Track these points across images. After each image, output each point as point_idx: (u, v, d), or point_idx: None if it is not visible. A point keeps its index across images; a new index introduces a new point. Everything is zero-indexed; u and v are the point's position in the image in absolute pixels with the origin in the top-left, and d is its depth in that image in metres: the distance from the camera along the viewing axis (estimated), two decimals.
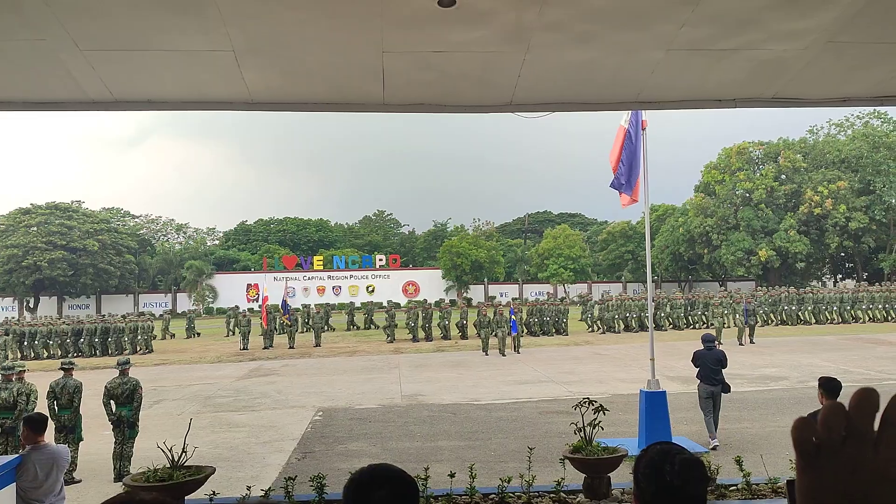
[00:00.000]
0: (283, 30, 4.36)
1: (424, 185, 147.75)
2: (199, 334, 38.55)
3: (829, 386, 6.08)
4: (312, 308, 37.06)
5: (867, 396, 0.59)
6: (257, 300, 51.01)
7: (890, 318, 35.73)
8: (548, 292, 57.22)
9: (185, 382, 20.09)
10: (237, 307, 41.59)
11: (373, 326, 39.56)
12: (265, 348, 29.67)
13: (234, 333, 37.71)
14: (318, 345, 30.28)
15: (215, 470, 5.42)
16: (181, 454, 5.24)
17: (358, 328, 39.69)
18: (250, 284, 64.03)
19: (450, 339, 31.09)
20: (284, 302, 33.96)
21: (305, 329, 35.71)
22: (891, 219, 54.86)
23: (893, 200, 54.23)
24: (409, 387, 17.73)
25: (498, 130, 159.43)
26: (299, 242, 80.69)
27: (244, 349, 29.48)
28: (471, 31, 4.48)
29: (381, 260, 67.82)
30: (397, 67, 4.95)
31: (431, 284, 65.11)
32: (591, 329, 34.05)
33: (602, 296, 37.43)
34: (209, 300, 63.61)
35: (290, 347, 29.59)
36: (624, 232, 66.96)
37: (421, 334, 31.34)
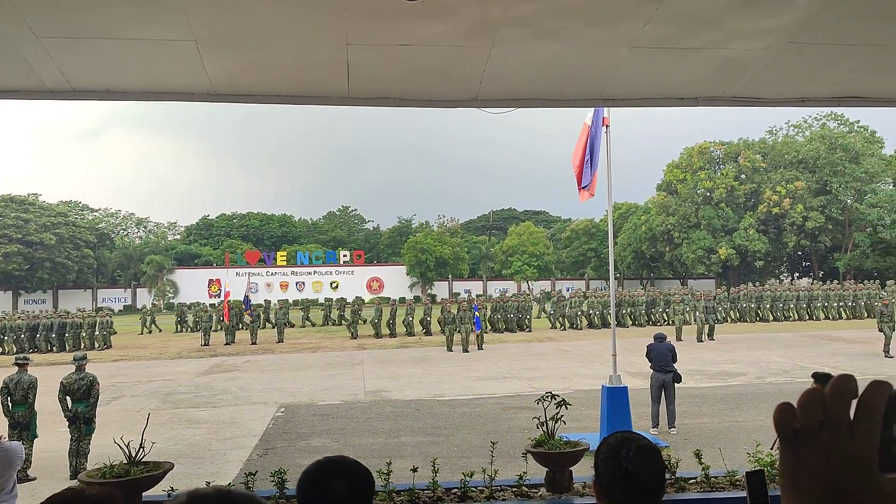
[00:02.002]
0: (245, 20, 4.29)
1: (389, 180, 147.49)
2: (160, 330, 37.89)
3: (825, 380, 6.40)
4: (275, 304, 36.72)
5: (844, 383, 0.60)
6: (219, 296, 50.39)
7: (844, 315, 36.64)
8: (503, 291, 57.49)
9: (144, 378, 19.77)
10: (185, 305, 41.12)
11: (331, 323, 39.21)
12: (227, 344, 29.34)
13: (184, 330, 37.25)
14: (280, 341, 30.03)
15: (174, 466, 5.33)
16: (138, 450, 5.15)
17: (313, 324, 39.18)
18: (212, 280, 63.23)
19: (414, 335, 31.07)
20: (247, 298, 33.65)
21: (270, 325, 35.41)
22: (846, 218, 56.26)
23: (849, 200, 55.61)
24: (372, 383, 17.68)
25: (463, 127, 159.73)
26: (262, 237, 79.92)
27: (205, 345, 29.13)
28: (436, 25, 4.47)
29: (345, 256, 67.49)
30: (362, 60, 4.91)
31: (396, 281, 65.02)
32: (554, 326, 34.31)
33: (560, 293, 37.75)
34: (170, 295, 62.66)
35: (253, 343, 29.30)
36: (587, 229, 67.59)
37: (385, 331, 31.26)
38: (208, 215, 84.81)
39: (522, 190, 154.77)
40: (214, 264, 68.45)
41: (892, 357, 20.31)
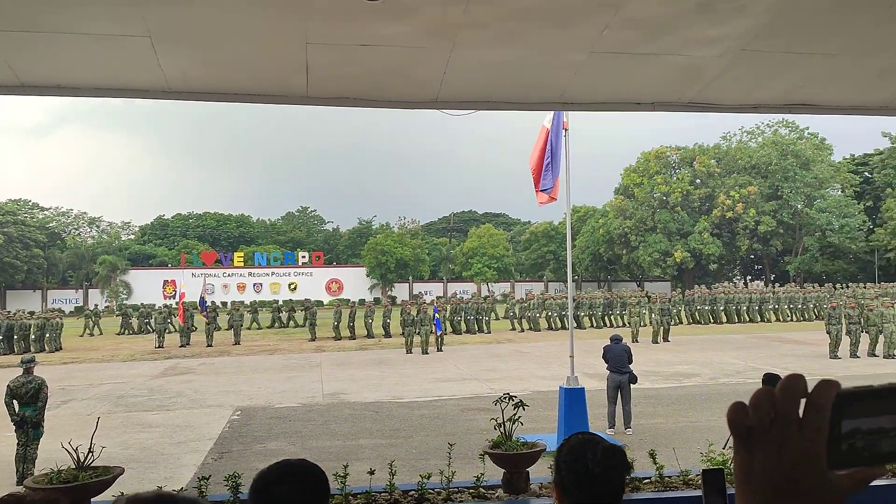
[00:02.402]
0: (202, 16, 4.22)
1: (350, 181, 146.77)
2: (100, 332, 36.75)
3: (775, 382, 6.59)
4: (231, 305, 36.24)
5: (794, 382, 0.62)
6: (174, 297, 49.54)
7: (794, 317, 37.57)
8: (463, 292, 57.67)
9: (95, 381, 19.32)
10: (129, 306, 40.33)
11: (277, 324, 38.58)
12: (182, 346, 28.86)
13: (129, 333, 36.46)
14: (237, 343, 29.64)
15: (124, 470, 5.21)
16: (87, 454, 5.02)
17: (259, 326, 38.56)
18: (167, 281, 62.14)
19: (373, 337, 30.94)
20: (202, 299, 33.13)
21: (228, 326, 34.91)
22: (797, 223, 57.71)
23: (799, 205, 57.05)
24: (330, 385, 17.55)
25: (424, 128, 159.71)
26: (219, 238, 78.84)
27: (159, 347, 28.60)
28: (396, 26, 4.45)
29: (304, 257, 66.97)
30: (321, 60, 4.87)
31: (356, 282, 64.73)
32: (513, 327, 34.49)
33: (523, 295, 38.01)
34: (123, 296, 61.37)
35: (208, 345, 28.85)
36: (546, 232, 68.16)
37: (344, 332, 31.07)
38: (163, 215, 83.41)
39: (483, 192, 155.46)
40: (169, 265, 67.32)
41: (839, 358, 20.88)
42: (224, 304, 40.21)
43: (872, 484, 0.62)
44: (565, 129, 10.92)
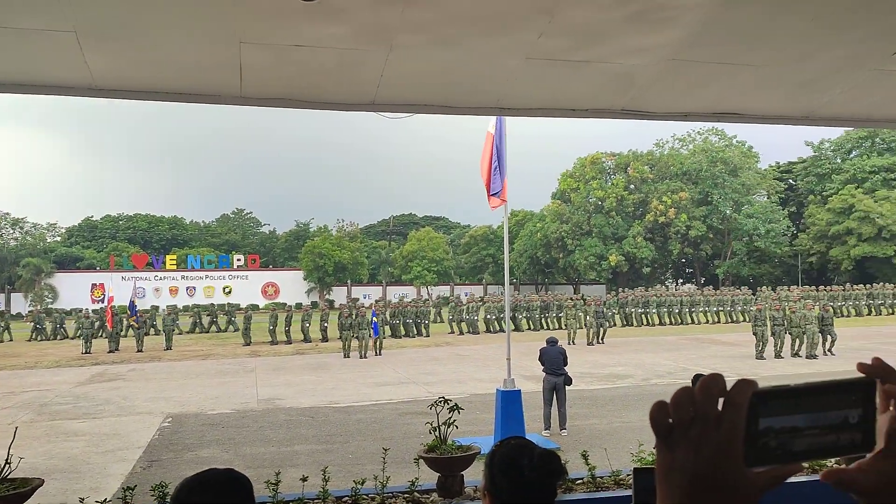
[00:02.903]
0: (130, 12, 4.10)
1: (287, 183, 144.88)
2: (10, 338, 35.18)
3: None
4: (163, 309, 35.29)
5: (712, 381, 0.63)
6: (102, 301, 47.98)
7: (723, 319, 38.77)
8: (402, 295, 57.58)
9: (17, 389, 18.53)
10: (42, 311, 38.87)
11: (198, 330, 37.60)
12: (110, 352, 27.95)
13: (39, 339, 35.08)
14: (168, 348, 28.88)
15: (43, 482, 4.99)
16: (4, 466, 4.80)
17: (181, 331, 37.25)
18: (95, 284, 60.06)
19: (310, 341, 30.57)
20: (132, 303, 32.16)
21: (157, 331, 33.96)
22: (725, 228, 59.61)
23: (728, 211, 58.95)
24: (265, 391, 17.26)
25: (364, 130, 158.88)
26: (151, 240, 76.76)
27: (86, 353, 27.62)
28: (332, 27, 4.41)
29: (239, 260, 65.72)
30: (256, 60, 4.79)
31: (293, 286, 63.85)
32: (452, 330, 34.58)
33: (463, 298, 38.17)
34: (48, 300, 59.08)
35: (138, 351, 28.03)
36: (485, 236, 68.62)
37: (281, 337, 30.61)
38: (92, 216, 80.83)
39: (423, 196, 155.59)
40: (98, 268, 65.18)
41: (764, 358, 21.63)
42: (156, 308, 39.13)
43: (792, 480, 0.63)
44: (503, 135, 11.03)
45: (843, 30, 4.40)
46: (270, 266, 72.81)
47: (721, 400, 0.62)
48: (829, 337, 22.88)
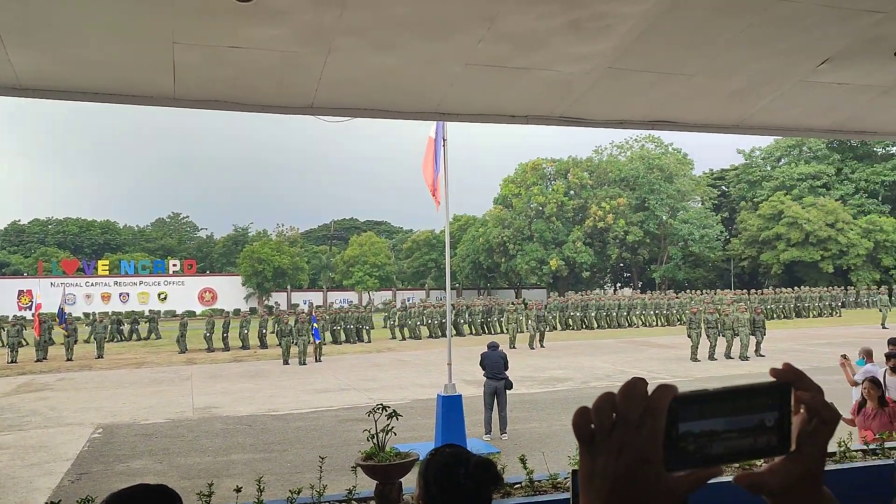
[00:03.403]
0: (56, 8, 3.95)
1: (225, 187, 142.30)
2: None
3: None
4: (95, 316, 34.17)
5: (633, 386, 0.63)
6: (30, 308, 46.19)
7: (659, 322, 39.67)
8: (346, 301, 57.19)
9: None
10: None
11: (120, 338, 36.26)
12: (38, 361, 26.91)
13: None
14: (100, 356, 27.96)
15: None
16: None
17: (113, 339, 35.96)
18: (22, 291, 57.83)
19: (249, 348, 30.03)
20: (61, 310, 31.06)
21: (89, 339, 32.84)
22: (662, 233, 61.08)
23: (664, 216, 60.42)
24: (201, 399, 16.86)
25: (304, 134, 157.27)
26: (82, 245, 74.33)
27: (12, 362, 26.51)
28: (269, 29, 4.34)
29: (174, 265, 64.17)
30: (189, 60, 4.68)
31: (231, 292, 62.64)
32: (394, 336, 34.45)
33: (404, 303, 38.08)
34: None
35: (68, 360, 27.04)
36: (428, 241, 68.69)
37: (218, 344, 29.98)
38: (19, 220, 77.90)
39: (364, 200, 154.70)
40: (25, 274, 62.70)
41: (699, 360, 22.19)
42: (87, 315, 37.85)
43: (715, 482, 0.63)
44: (444, 140, 11.07)
45: (772, 42, 4.54)
46: (208, 272, 71.30)
47: (642, 405, 0.63)
48: (759, 338, 23.62)
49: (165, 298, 61.27)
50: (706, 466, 0.63)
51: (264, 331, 30.79)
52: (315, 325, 25.43)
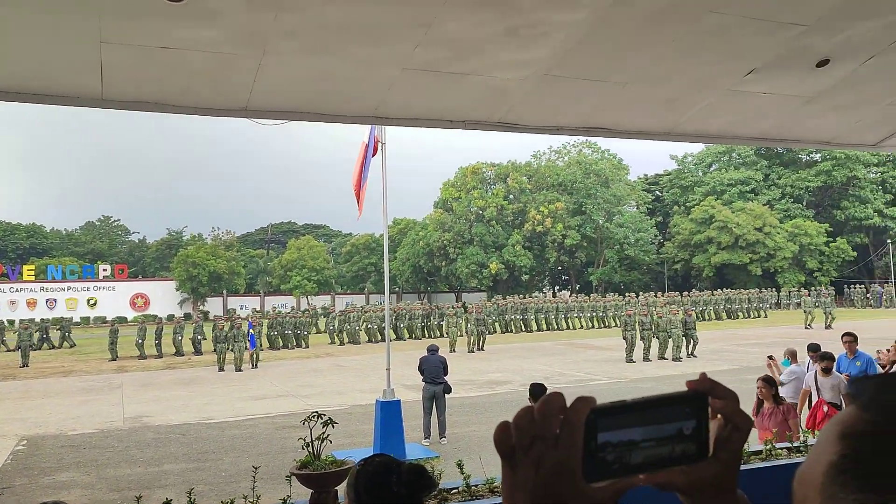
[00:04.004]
0: None
1: (158, 190, 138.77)
2: None
3: (536, 391, 7.19)
4: (19, 323, 32.79)
5: (551, 400, 0.64)
6: None
7: (596, 324, 40.36)
8: (282, 306, 56.41)
9: None
10: None
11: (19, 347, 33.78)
12: None
13: None
14: (25, 364, 26.87)
15: None
16: None
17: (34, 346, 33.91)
18: None
19: (183, 355, 29.31)
20: None
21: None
22: (598, 237, 62.21)
23: (600, 220, 61.57)
24: (132, 408, 16.36)
25: (239, 135, 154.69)
26: (5, 249, 71.40)
27: None
28: (202, 30, 4.24)
29: (105, 270, 62.16)
30: (118, 60, 4.54)
31: (164, 297, 61.05)
32: (332, 341, 34.12)
33: (346, 306, 37.79)
34: None
35: None
36: (367, 244, 68.31)
37: (150, 351, 29.16)
38: None
39: (303, 203, 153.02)
40: None
41: (634, 362, 22.66)
42: (11, 322, 36.30)
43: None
44: (382, 144, 11.04)
45: (701, 52, 4.67)
46: (140, 276, 69.38)
47: (559, 420, 0.63)
48: (691, 340, 24.26)
49: (95, 304, 59.31)
50: (625, 476, 0.64)
51: (199, 337, 30.10)
52: (251, 330, 25.00)
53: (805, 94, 5.49)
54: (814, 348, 9.40)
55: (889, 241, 61.41)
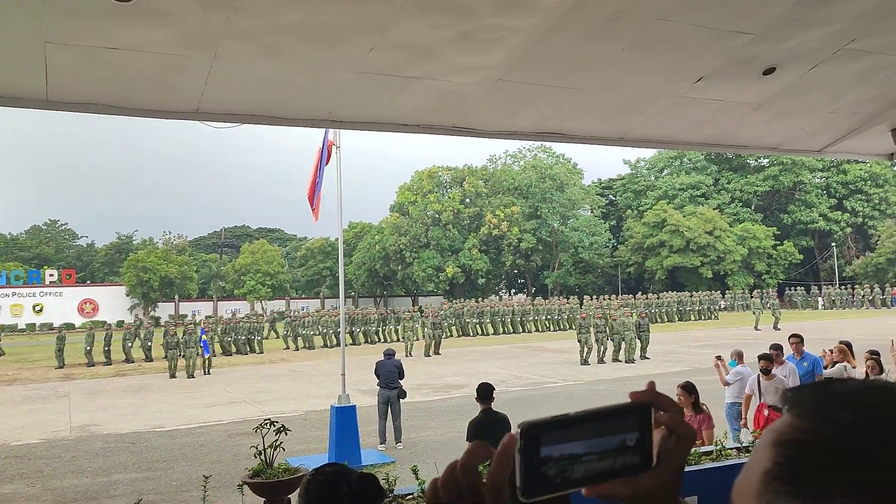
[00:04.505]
0: None
1: (107, 193, 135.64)
2: None
3: (482, 391, 7.29)
4: None
5: (471, 454, 0.65)
6: None
7: (552, 327, 40.71)
8: (235, 311, 55.62)
9: None
10: None
11: None
12: None
13: None
14: None
15: None
16: None
17: None
18: None
19: (133, 362, 28.66)
20: None
21: None
22: (554, 240, 62.80)
23: (555, 224, 62.16)
24: (80, 417, 15.93)
25: (192, 138, 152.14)
26: None
27: None
28: (151, 31, 4.16)
29: (51, 275, 60.47)
30: (63, 61, 4.43)
31: (114, 303, 59.62)
32: (287, 346, 33.74)
33: (301, 311, 37.42)
34: None
35: None
36: (323, 248, 67.77)
37: (99, 358, 28.44)
38: None
39: (257, 207, 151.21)
40: None
41: (588, 364, 22.91)
42: None
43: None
44: (337, 147, 10.97)
45: (653, 60, 4.74)
46: (88, 282, 67.66)
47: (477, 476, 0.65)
48: (645, 342, 24.63)
49: (41, 310, 57.65)
50: (566, 490, 0.64)
51: (150, 343, 29.47)
52: (204, 336, 24.58)
53: (753, 101, 5.62)
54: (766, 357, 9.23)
55: (833, 244, 63.39)
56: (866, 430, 0.50)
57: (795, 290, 57.39)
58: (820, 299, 54.83)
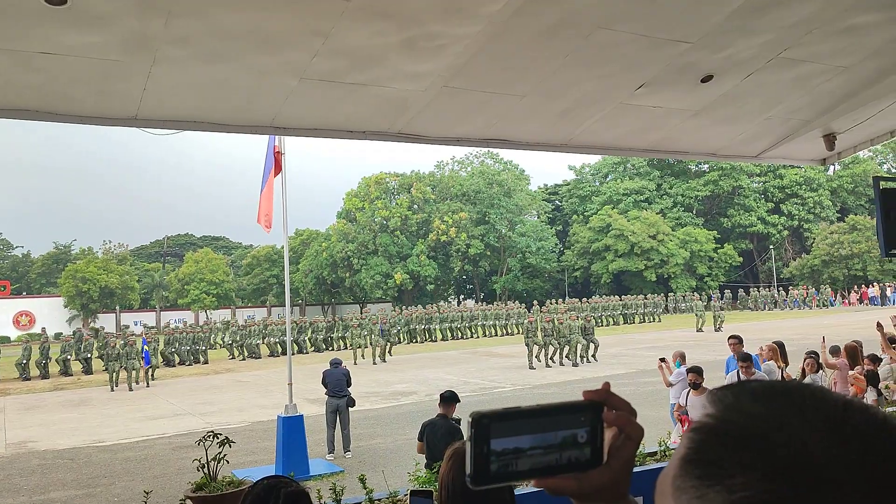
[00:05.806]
0: None
1: (43, 201, 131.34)
2: None
3: (445, 396, 7.26)
4: None
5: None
6: None
7: (500, 332, 40.95)
8: (182, 321, 54.45)
9: None
10: None
11: None
12: None
13: None
14: None
15: None
16: None
17: None
18: None
19: (71, 375, 27.78)
20: None
21: None
22: (502, 245, 63.25)
23: (503, 230, 62.59)
24: (16, 433, 15.36)
25: (130, 145, 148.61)
26: None
27: None
28: (87, 35, 4.05)
29: None
30: None
31: (51, 314, 57.66)
32: (232, 356, 33.15)
33: (246, 320, 36.83)
34: None
35: None
36: (269, 256, 66.86)
37: (35, 372, 27.48)
38: None
39: (201, 215, 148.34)
40: None
41: (535, 368, 23.10)
42: None
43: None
44: (282, 154, 10.85)
45: (594, 67, 4.82)
46: (24, 293, 65.39)
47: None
48: (591, 345, 24.96)
49: None
50: (511, 482, 0.66)
51: (89, 355, 28.61)
52: (146, 347, 23.98)
53: (691, 108, 5.76)
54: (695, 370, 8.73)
55: (771, 246, 65.39)
56: (765, 418, 0.55)
57: (740, 292, 58.94)
58: (752, 300, 56.31)
